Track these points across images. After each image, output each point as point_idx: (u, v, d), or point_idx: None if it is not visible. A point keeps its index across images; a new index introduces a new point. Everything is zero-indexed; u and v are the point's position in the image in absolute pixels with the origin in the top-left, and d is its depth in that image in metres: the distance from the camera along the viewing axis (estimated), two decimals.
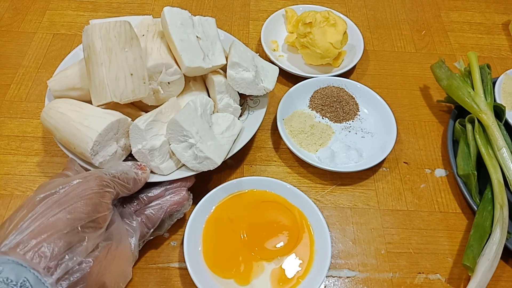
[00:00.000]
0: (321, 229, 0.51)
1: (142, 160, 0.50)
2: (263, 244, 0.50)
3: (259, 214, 0.53)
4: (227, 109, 0.57)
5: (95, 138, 0.46)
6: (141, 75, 0.50)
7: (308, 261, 0.49)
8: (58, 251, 0.34)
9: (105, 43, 0.48)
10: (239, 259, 0.49)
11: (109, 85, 0.48)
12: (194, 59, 0.52)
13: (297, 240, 0.51)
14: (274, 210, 0.53)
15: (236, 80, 0.55)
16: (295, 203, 0.53)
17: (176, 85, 0.54)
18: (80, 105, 0.50)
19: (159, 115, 0.50)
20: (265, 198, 0.54)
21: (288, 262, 0.49)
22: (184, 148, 0.50)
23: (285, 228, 0.51)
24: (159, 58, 0.52)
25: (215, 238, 0.51)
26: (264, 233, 0.51)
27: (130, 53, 0.49)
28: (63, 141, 0.50)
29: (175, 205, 0.49)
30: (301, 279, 0.48)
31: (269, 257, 0.49)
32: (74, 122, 0.48)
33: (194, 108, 0.50)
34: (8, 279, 0.31)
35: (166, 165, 0.51)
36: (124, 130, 0.50)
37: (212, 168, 0.50)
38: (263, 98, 0.60)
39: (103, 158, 0.48)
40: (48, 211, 0.36)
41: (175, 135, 0.49)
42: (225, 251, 0.50)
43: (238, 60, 0.54)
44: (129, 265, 0.45)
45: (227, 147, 0.53)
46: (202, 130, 0.50)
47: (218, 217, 0.52)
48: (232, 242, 0.50)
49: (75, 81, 0.54)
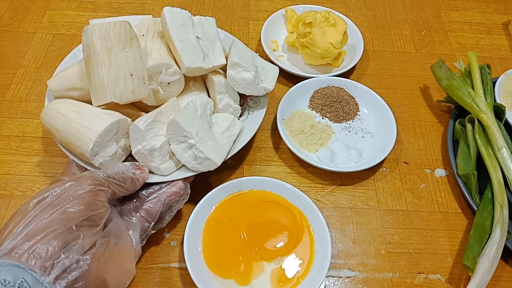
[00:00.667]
0: (321, 229, 0.51)
1: (142, 161, 0.49)
2: (263, 244, 0.50)
3: (259, 214, 0.53)
4: (227, 109, 0.57)
5: (95, 139, 0.46)
6: (141, 76, 0.50)
7: (308, 261, 0.49)
8: (53, 251, 0.34)
9: (105, 44, 0.48)
10: (239, 259, 0.49)
11: (109, 85, 0.48)
12: (194, 59, 0.52)
13: (297, 240, 0.51)
14: (274, 210, 0.53)
15: (236, 80, 0.55)
16: (295, 203, 0.53)
17: (176, 85, 0.54)
18: (80, 105, 0.50)
19: (159, 116, 0.50)
20: (265, 198, 0.54)
21: (288, 262, 0.49)
22: (184, 149, 0.49)
23: (285, 228, 0.51)
24: (159, 59, 0.52)
25: (215, 238, 0.51)
26: (264, 233, 0.51)
27: (130, 54, 0.49)
28: (63, 142, 0.50)
29: (173, 195, 0.49)
30: (301, 279, 0.48)
31: (269, 257, 0.49)
32: (74, 122, 0.48)
33: (194, 109, 0.50)
34: (6, 280, 0.31)
35: (166, 166, 0.50)
36: (124, 131, 0.50)
37: (212, 169, 0.50)
38: (263, 98, 0.60)
39: (103, 159, 0.48)
40: (41, 215, 0.36)
41: (175, 136, 0.49)
42: (225, 251, 0.50)
43: (238, 60, 0.54)
44: (131, 261, 0.45)
45: (227, 148, 0.53)
46: (202, 130, 0.50)
47: (218, 217, 0.52)
48: (232, 242, 0.50)
49: (75, 81, 0.53)
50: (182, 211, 0.55)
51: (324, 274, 0.47)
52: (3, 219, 0.54)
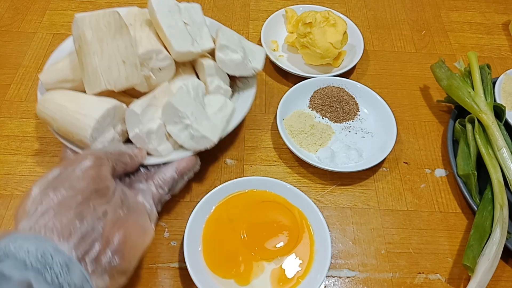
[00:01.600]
0: (321, 229, 0.51)
1: (140, 144, 0.51)
2: (263, 244, 0.50)
3: (259, 214, 0.53)
4: (218, 91, 0.58)
5: (93, 125, 0.47)
6: (133, 62, 0.51)
7: (308, 261, 0.49)
8: (67, 222, 0.36)
9: (96, 33, 0.49)
10: (239, 259, 0.49)
11: (103, 73, 0.49)
12: (183, 44, 0.54)
13: (297, 240, 0.51)
14: (274, 210, 0.53)
15: (226, 62, 0.56)
16: (295, 203, 0.53)
17: (167, 70, 0.56)
18: (75, 95, 0.51)
19: (153, 100, 0.52)
20: (265, 198, 0.54)
21: (288, 262, 0.49)
22: (180, 130, 0.51)
23: (285, 228, 0.51)
24: (149, 45, 0.53)
25: (215, 238, 0.51)
26: (264, 233, 0.51)
27: (121, 42, 0.50)
28: (60, 131, 0.51)
29: (185, 165, 0.51)
30: (301, 279, 0.48)
31: (269, 257, 0.49)
32: (71, 111, 0.49)
33: (187, 91, 0.52)
34: (29, 250, 0.32)
35: (164, 147, 0.52)
36: (119, 117, 0.51)
37: (208, 147, 0.51)
38: (251, 79, 0.61)
39: (102, 144, 0.50)
40: (51, 194, 0.38)
41: (170, 118, 0.51)
42: (225, 251, 0.50)
43: (226, 42, 0.56)
44: (146, 220, 0.45)
45: (221, 126, 0.54)
46: (196, 111, 0.52)
47: (218, 217, 0.52)
48: (232, 242, 0.50)
49: (67, 73, 0.55)
50: (182, 212, 0.55)
51: (324, 274, 0.47)
52: (3, 219, 0.54)
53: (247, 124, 0.65)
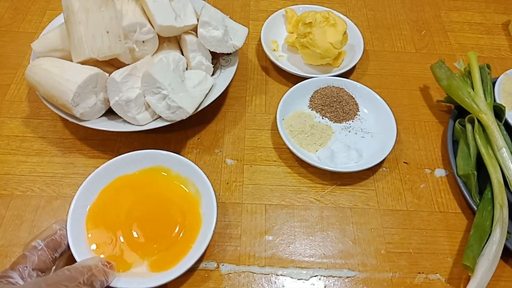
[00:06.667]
0: (206, 191, 0.50)
1: (120, 112, 0.54)
2: (145, 244, 0.48)
3: (142, 208, 0.50)
4: (199, 67, 0.61)
5: (75, 90, 0.51)
6: (116, 33, 0.54)
7: (195, 229, 0.48)
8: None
9: (82, 4, 0.52)
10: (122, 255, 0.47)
11: (87, 42, 0.52)
12: (166, 18, 0.56)
13: (178, 236, 0.48)
14: (158, 200, 0.51)
15: (207, 38, 0.59)
16: (180, 170, 0.52)
17: (150, 43, 0.58)
18: (62, 62, 0.55)
19: (134, 70, 0.54)
20: (151, 182, 0.52)
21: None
22: (158, 100, 0.54)
23: (169, 223, 0.49)
24: (133, 18, 0.56)
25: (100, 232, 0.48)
26: (146, 229, 0.49)
27: (106, 13, 0.53)
28: (46, 95, 0.55)
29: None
30: (191, 244, 0.47)
31: (152, 254, 0.47)
32: (56, 76, 0.52)
33: (166, 63, 0.55)
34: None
35: (142, 116, 0.55)
36: (102, 85, 0.54)
37: (184, 117, 0.54)
38: (234, 57, 0.64)
39: (84, 110, 0.53)
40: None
41: (149, 87, 0.53)
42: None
43: (208, 19, 0.58)
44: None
45: (199, 99, 0.57)
46: (174, 83, 0.54)
47: (102, 208, 0.49)
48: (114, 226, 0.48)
49: (57, 43, 0.58)
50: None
51: (211, 230, 0.47)
52: (3, 219, 0.54)
53: (247, 124, 0.65)
